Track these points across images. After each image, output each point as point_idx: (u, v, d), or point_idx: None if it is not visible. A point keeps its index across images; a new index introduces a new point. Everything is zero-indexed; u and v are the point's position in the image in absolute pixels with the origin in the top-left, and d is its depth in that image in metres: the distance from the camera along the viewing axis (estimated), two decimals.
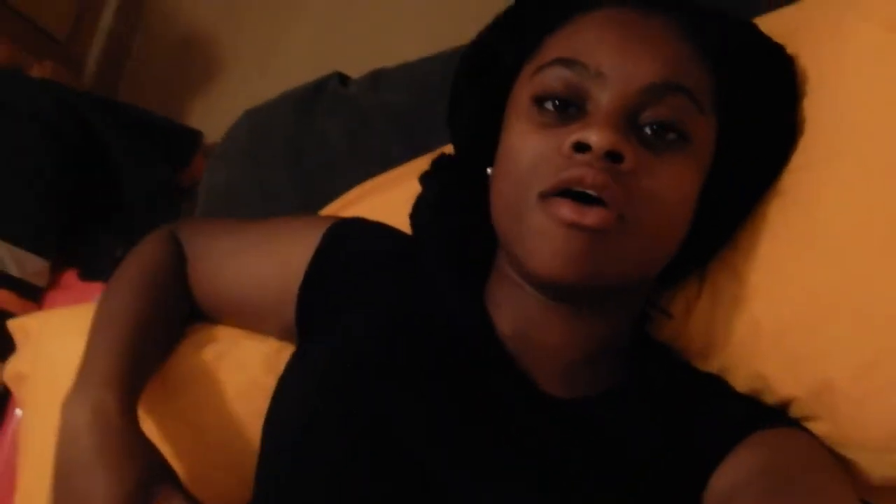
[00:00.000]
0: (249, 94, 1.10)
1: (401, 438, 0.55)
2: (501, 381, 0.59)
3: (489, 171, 0.62)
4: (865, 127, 0.58)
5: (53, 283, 1.23)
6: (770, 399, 0.61)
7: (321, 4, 1.90)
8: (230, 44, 1.96)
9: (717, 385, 0.63)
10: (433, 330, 0.62)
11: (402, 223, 0.72)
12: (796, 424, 0.59)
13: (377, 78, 0.98)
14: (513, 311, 0.61)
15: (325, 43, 1.83)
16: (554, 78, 0.56)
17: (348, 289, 0.66)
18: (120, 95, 1.98)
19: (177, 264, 0.73)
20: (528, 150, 0.55)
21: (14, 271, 1.18)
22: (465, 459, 0.54)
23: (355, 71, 1.05)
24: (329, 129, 0.95)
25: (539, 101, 0.57)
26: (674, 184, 0.54)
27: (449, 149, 0.72)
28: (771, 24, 0.67)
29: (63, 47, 1.78)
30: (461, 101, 0.67)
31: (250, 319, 0.74)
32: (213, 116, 1.66)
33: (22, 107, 1.29)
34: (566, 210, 0.52)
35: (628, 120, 0.54)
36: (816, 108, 0.62)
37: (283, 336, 0.73)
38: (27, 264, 1.19)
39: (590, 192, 0.52)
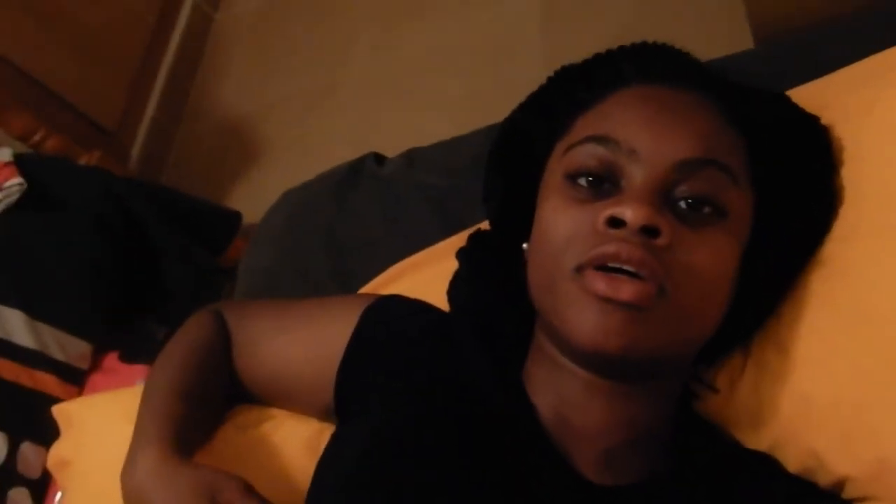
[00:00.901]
0: (288, 174, 1.13)
1: None
2: (541, 466, 0.57)
3: (525, 246, 0.62)
4: None
5: (95, 365, 1.25)
6: (824, 478, 0.58)
7: (353, 87, 1.97)
8: (268, 128, 2.03)
9: (766, 466, 0.60)
10: (471, 411, 0.61)
11: (440, 300, 0.72)
12: None
13: (412, 157, 1.00)
14: (552, 391, 0.60)
15: (359, 123, 1.89)
16: (587, 155, 0.57)
17: (386, 368, 0.66)
18: (164, 179, 2.05)
19: (220, 343, 0.74)
20: (563, 225, 0.55)
21: (57, 354, 1.20)
22: None
23: (389, 150, 1.07)
24: (365, 208, 0.97)
25: (572, 177, 0.57)
26: (712, 257, 0.54)
27: (485, 225, 0.72)
28: (800, 96, 0.68)
29: (112, 137, 1.86)
30: (495, 179, 0.68)
31: (291, 400, 0.74)
32: (254, 197, 1.71)
33: (70, 196, 1.34)
34: (601, 284, 0.51)
35: (663, 195, 0.54)
36: (853, 178, 0.62)
37: (323, 417, 0.73)
38: (70, 348, 1.22)
39: (626, 267, 0.51)
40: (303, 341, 0.70)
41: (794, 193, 0.60)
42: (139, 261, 1.39)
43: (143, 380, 0.79)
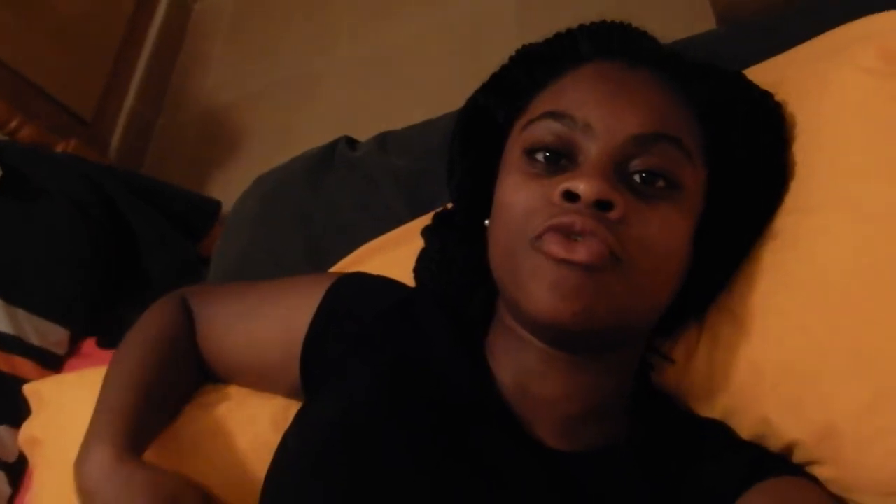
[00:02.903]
0: (268, 164, 1.13)
1: (401, 497, 0.55)
2: (500, 434, 0.59)
3: (486, 223, 0.63)
4: (854, 170, 0.59)
5: (73, 351, 1.25)
6: (775, 443, 0.60)
7: (334, 76, 1.97)
8: (249, 117, 2.03)
9: (720, 433, 0.62)
10: (435, 384, 0.62)
11: (409, 279, 0.73)
12: (800, 471, 0.58)
13: (383, 140, 1.01)
14: (512, 362, 0.61)
15: (340, 112, 1.89)
16: (544, 130, 0.58)
17: (351, 344, 0.67)
18: (144, 170, 2.05)
19: (184, 327, 0.75)
20: (520, 200, 0.56)
21: (34, 340, 1.20)
22: None
23: (367, 135, 1.08)
24: (337, 191, 0.97)
25: (530, 153, 0.58)
26: (664, 230, 0.55)
27: (451, 204, 0.73)
28: (760, 72, 0.69)
29: (89, 126, 1.86)
30: (458, 158, 0.68)
31: (258, 379, 0.74)
32: (234, 187, 1.71)
33: (47, 183, 1.33)
34: (556, 247, 0.52)
35: (617, 170, 0.55)
36: (807, 153, 0.63)
37: (290, 395, 0.73)
38: (47, 333, 1.22)
39: (580, 238, 0.52)
40: (267, 321, 0.71)
41: (747, 169, 0.61)
42: (118, 248, 1.39)
43: None
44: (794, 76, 0.67)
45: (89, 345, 1.25)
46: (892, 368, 0.55)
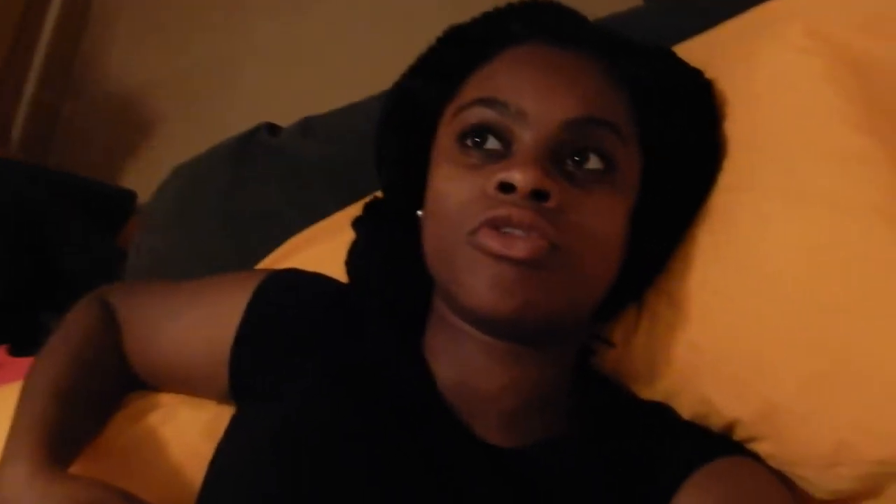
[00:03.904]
0: (185, 151, 1.08)
1: (344, 499, 0.54)
2: (440, 432, 0.58)
3: (420, 213, 0.61)
4: (782, 147, 0.60)
5: None
6: (716, 422, 0.60)
7: (254, 59, 1.90)
8: (163, 103, 1.94)
9: (662, 417, 0.62)
10: (373, 382, 0.60)
11: (339, 274, 0.70)
12: (741, 451, 0.59)
13: (306, 126, 0.98)
14: (451, 356, 0.60)
15: (260, 97, 1.83)
16: (476, 118, 0.56)
17: (284, 345, 0.64)
18: (50, 160, 1.94)
19: (108, 333, 0.71)
20: (455, 192, 0.55)
21: None
22: None
23: (290, 122, 1.04)
24: (260, 181, 0.94)
25: (462, 141, 0.57)
26: (602, 216, 0.55)
27: (381, 193, 0.71)
28: (688, 50, 0.69)
29: None
30: (387, 145, 0.66)
31: (187, 384, 0.71)
32: (149, 176, 1.65)
33: None
34: (493, 243, 0.51)
35: (552, 157, 0.54)
36: (738, 130, 0.63)
37: (222, 399, 0.70)
38: None
39: (517, 232, 0.52)
40: (194, 322, 0.68)
41: (680, 148, 0.61)
42: (30, 247, 1.31)
43: None
44: (722, 53, 0.67)
45: (1, 353, 1.18)
46: (828, 344, 0.55)
